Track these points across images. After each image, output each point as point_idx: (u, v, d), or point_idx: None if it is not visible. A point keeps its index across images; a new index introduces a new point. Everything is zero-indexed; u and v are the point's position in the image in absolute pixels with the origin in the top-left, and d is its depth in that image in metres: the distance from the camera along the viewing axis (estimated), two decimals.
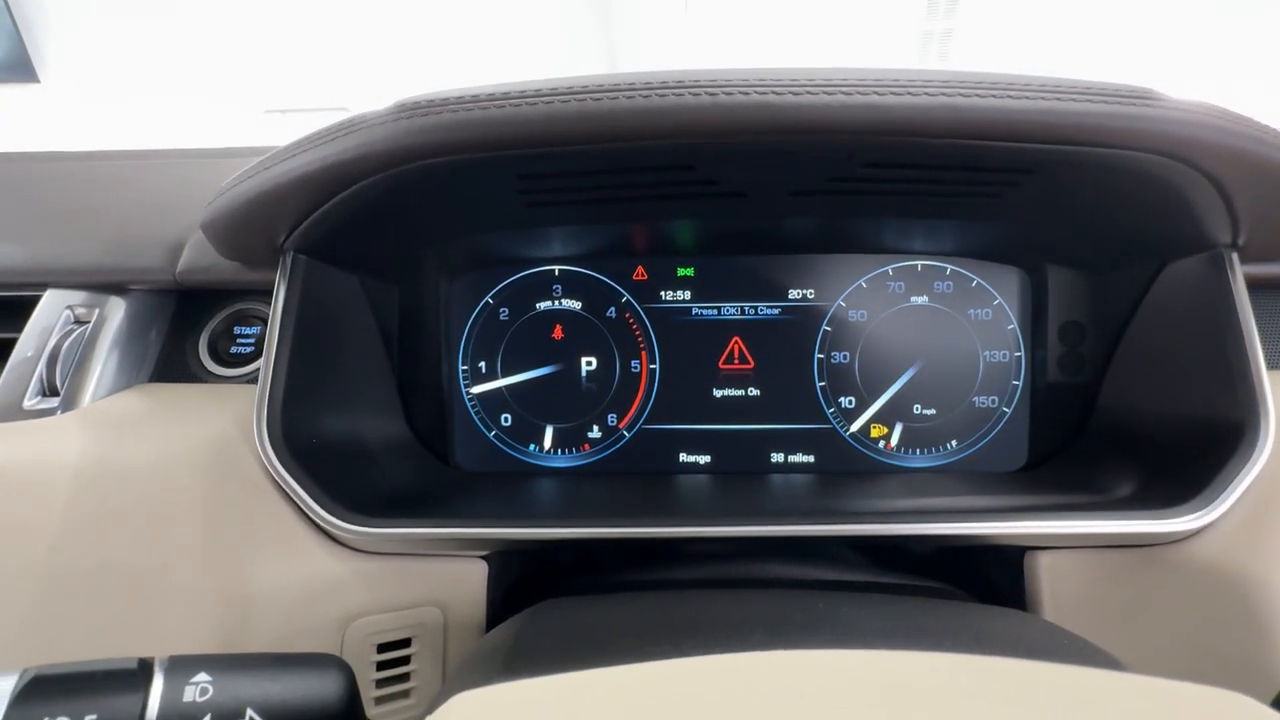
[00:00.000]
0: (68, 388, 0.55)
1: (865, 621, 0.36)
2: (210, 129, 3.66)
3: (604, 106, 0.39)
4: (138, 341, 0.59)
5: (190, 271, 0.59)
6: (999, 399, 0.66)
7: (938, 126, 0.40)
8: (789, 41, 3.77)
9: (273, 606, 0.45)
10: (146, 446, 0.48)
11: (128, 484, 0.46)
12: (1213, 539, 0.47)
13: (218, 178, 0.51)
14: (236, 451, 0.49)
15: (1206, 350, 0.51)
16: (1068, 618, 0.49)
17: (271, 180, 0.45)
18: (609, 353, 0.68)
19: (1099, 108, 0.39)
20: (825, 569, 0.53)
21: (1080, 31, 3.46)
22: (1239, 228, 0.50)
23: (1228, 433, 0.48)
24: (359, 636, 0.47)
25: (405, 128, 0.41)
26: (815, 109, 0.39)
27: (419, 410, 0.66)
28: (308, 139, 0.44)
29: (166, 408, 0.54)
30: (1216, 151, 0.42)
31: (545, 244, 0.66)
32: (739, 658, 0.27)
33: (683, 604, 0.39)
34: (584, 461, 0.68)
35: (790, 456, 0.67)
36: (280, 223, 0.50)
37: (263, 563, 0.46)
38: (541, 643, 0.37)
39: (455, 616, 0.49)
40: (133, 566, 0.44)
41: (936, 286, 0.67)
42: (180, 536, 0.45)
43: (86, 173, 0.76)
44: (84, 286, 0.59)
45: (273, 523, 0.47)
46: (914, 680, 0.25)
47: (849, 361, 0.67)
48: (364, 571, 0.48)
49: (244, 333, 0.62)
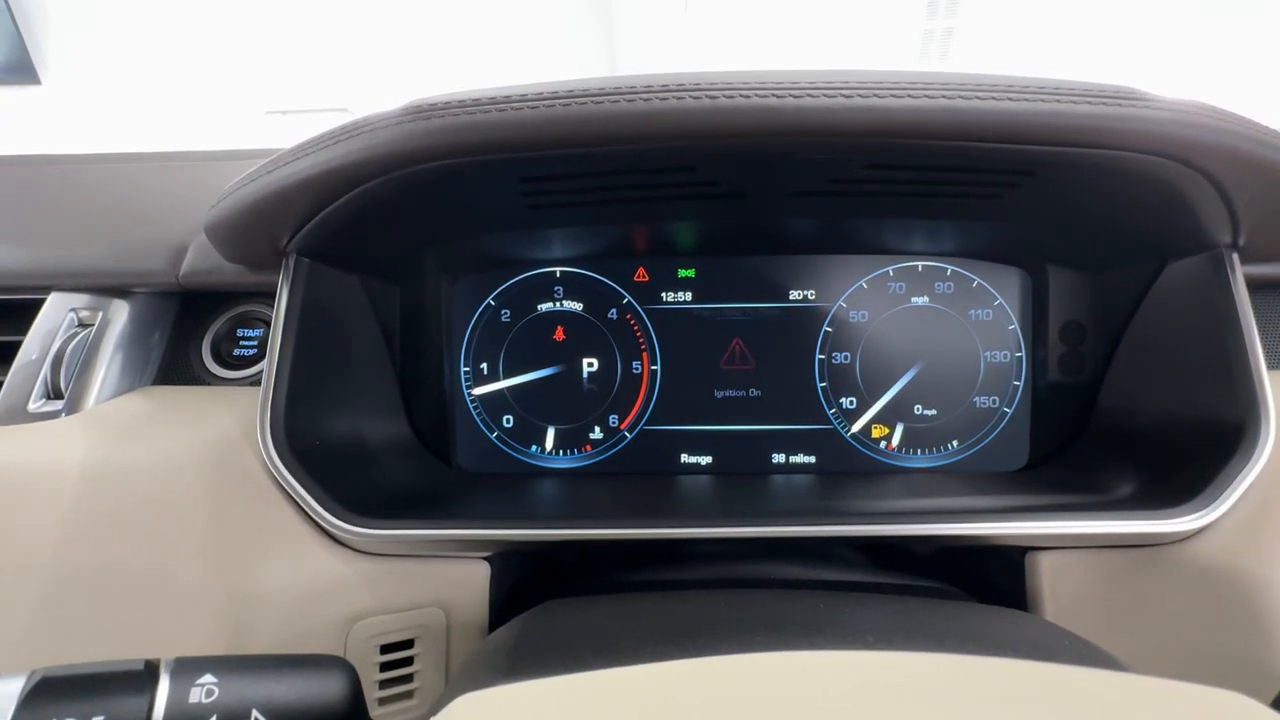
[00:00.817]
0: (72, 390, 0.55)
1: (867, 622, 0.36)
2: (211, 130, 3.66)
3: (606, 110, 0.39)
4: (141, 344, 0.60)
5: (193, 274, 0.59)
6: (1000, 399, 0.66)
7: (939, 129, 0.40)
8: (789, 42, 3.77)
9: (276, 608, 0.45)
10: (150, 449, 0.48)
11: (132, 486, 0.46)
12: (1213, 539, 0.47)
13: (220, 180, 0.52)
14: (240, 453, 0.49)
15: (1207, 350, 0.52)
16: (1068, 618, 0.49)
17: (275, 183, 0.46)
18: (610, 354, 0.68)
19: (1097, 109, 0.40)
20: (827, 569, 0.53)
21: (1082, 30, 3.45)
22: (1239, 228, 0.50)
23: (1228, 433, 0.48)
24: (362, 637, 0.47)
25: (409, 131, 0.41)
26: (816, 112, 0.39)
27: (421, 412, 0.66)
28: (311, 142, 0.45)
29: (170, 410, 0.54)
30: (1213, 151, 0.42)
31: (547, 245, 0.67)
32: (742, 659, 0.27)
33: (685, 605, 0.39)
34: (586, 462, 0.68)
35: (791, 457, 0.67)
36: (284, 226, 0.50)
37: (266, 564, 0.46)
38: (544, 644, 0.37)
39: (458, 617, 0.50)
40: (138, 568, 0.44)
41: (937, 287, 0.67)
42: (185, 538, 0.45)
43: (89, 175, 0.76)
44: (88, 289, 0.59)
45: (276, 524, 0.48)
46: (916, 682, 0.25)
47: (850, 362, 0.67)
48: (367, 573, 0.48)
49: (247, 335, 0.62)
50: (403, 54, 3.63)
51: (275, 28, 3.51)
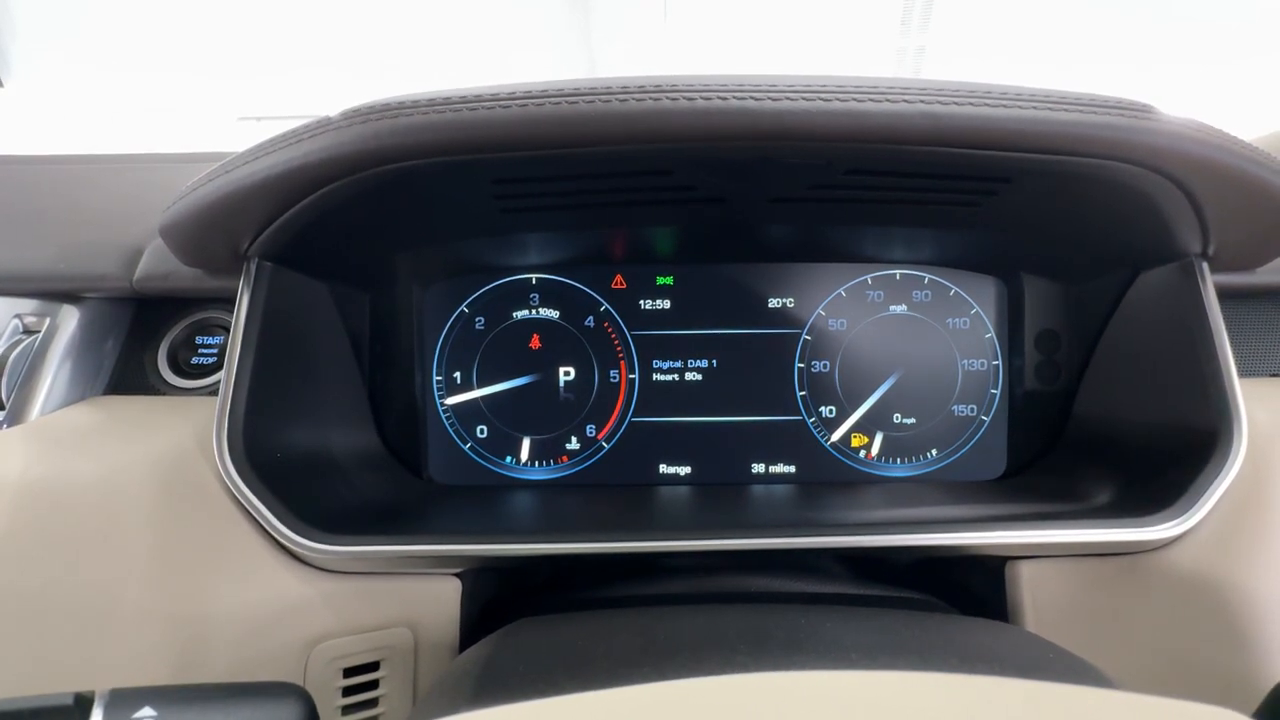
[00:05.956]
0: (14, 400, 0.52)
1: (848, 638, 0.35)
2: (182, 137, 3.58)
3: (580, 110, 0.38)
4: (92, 352, 0.57)
5: (148, 279, 0.56)
6: (977, 407, 0.66)
7: (917, 134, 0.40)
8: (765, 58, 3.83)
9: (230, 631, 0.43)
10: (96, 461, 0.46)
11: (75, 502, 0.44)
12: (1189, 547, 0.47)
13: (180, 183, 0.49)
14: (194, 466, 0.46)
15: (1179, 358, 0.52)
16: (1049, 627, 0.49)
17: (233, 184, 0.44)
18: (587, 362, 0.67)
19: (1074, 116, 0.40)
20: (807, 582, 0.52)
21: (1052, 48, 3.56)
22: (1209, 237, 0.50)
23: (1201, 440, 0.49)
24: (324, 660, 0.45)
25: (374, 130, 0.39)
26: (794, 114, 0.39)
27: (391, 422, 0.64)
28: (271, 141, 0.43)
29: (120, 421, 0.51)
30: (1186, 161, 0.42)
31: (522, 251, 0.65)
32: (721, 680, 0.26)
33: (663, 622, 0.38)
34: (562, 473, 0.67)
35: (771, 467, 0.67)
36: (243, 228, 0.48)
37: (220, 584, 0.44)
38: (516, 665, 0.35)
39: (426, 637, 0.47)
40: (78, 590, 0.42)
41: (915, 295, 0.67)
42: (131, 557, 0.43)
43: (41, 176, 0.73)
44: (34, 294, 0.56)
45: (232, 542, 0.45)
46: (901, 703, 0.24)
47: (829, 371, 0.67)
48: (330, 592, 0.46)
49: (206, 343, 0.59)
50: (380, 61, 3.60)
51: (249, 32, 3.46)
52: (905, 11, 3.42)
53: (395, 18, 3.47)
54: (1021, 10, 3.32)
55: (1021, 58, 3.66)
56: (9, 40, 3.26)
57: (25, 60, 3.32)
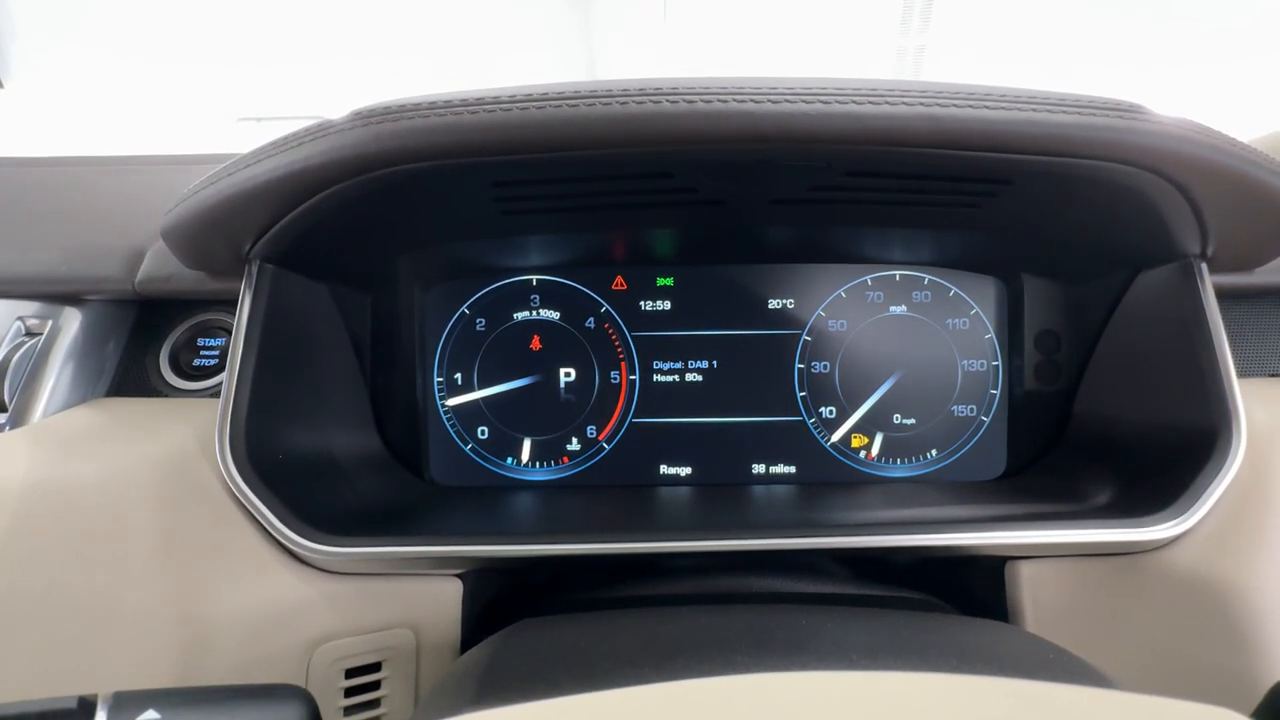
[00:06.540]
0: (17, 403, 0.52)
1: (849, 638, 0.35)
2: (182, 137, 3.58)
3: (581, 113, 0.38)
4: (94, 354, 0.57)
5: (150, 281, 0.56)
6: (977, 408, 0.66)
7: (917, 136, 0.40)
8: (765, 57, 3.82)
9: (233, 633, 0.43)
10: (99, 464, 0.46)
11: (78, 504, 0.44)
12: (1188, 547, 0.47)
13: (182, 185, 0.49)
14: (197, 468, 0.46)
15: (1178, 358, 0.52)
16: (1049, 627, 0.49)
17: (235, 186, 0.44)
18: (588, 363, 0.67)
19: (1074, 119, 0.40)
20: (807, 582, 0.53)
21: (1054, 47, 3.56)
22: (1208, 238, 0.51)
23: (1200, 440, 0.49)
24: (326, 662, 0.45)
25: (375, 133, 0.40)
26: (795, 117, 0.39)
27: (392, 423, 0.64)
28: (273, 144, 0.43)
29: (122, 423, 0.51)
30: (1191, 164, 0.42)
31: (523, 253, 0.65)
32: (723, 681, 0.26)
33: (664, 623, 0.38)
34: (563, 474, 0.67)
35: (771, 468, 0.67)
36: (245, 230, 0.48)
37: (223, 586, 0.44)
38: (518, 666, 0.35)
39: (428, 638, 0.48)
40: (81, 592, 0.42)
41: (915, 296, 0.67)
42: (134, 559, 0.43)
43: (43, 179, 0.73)
44: (37, 296, 0.56)
45: (234, 543, 0.45)
46: (902, 704, 0.25)
47: (829, 371, 0.67)
48: (332, 593, 0.46)
49: (208, 345, 0.59)
50: (381, 62, 3.60)
51: (249, 33, 3.45)
52: (905, 11, 3.41)
53: (395, 18, 3.47)
54: (1021, 10, 3.33)
55: (1021, 57, 3.66)
56: (9, 41, 3.26)
57: (25, 61, 3.32)
